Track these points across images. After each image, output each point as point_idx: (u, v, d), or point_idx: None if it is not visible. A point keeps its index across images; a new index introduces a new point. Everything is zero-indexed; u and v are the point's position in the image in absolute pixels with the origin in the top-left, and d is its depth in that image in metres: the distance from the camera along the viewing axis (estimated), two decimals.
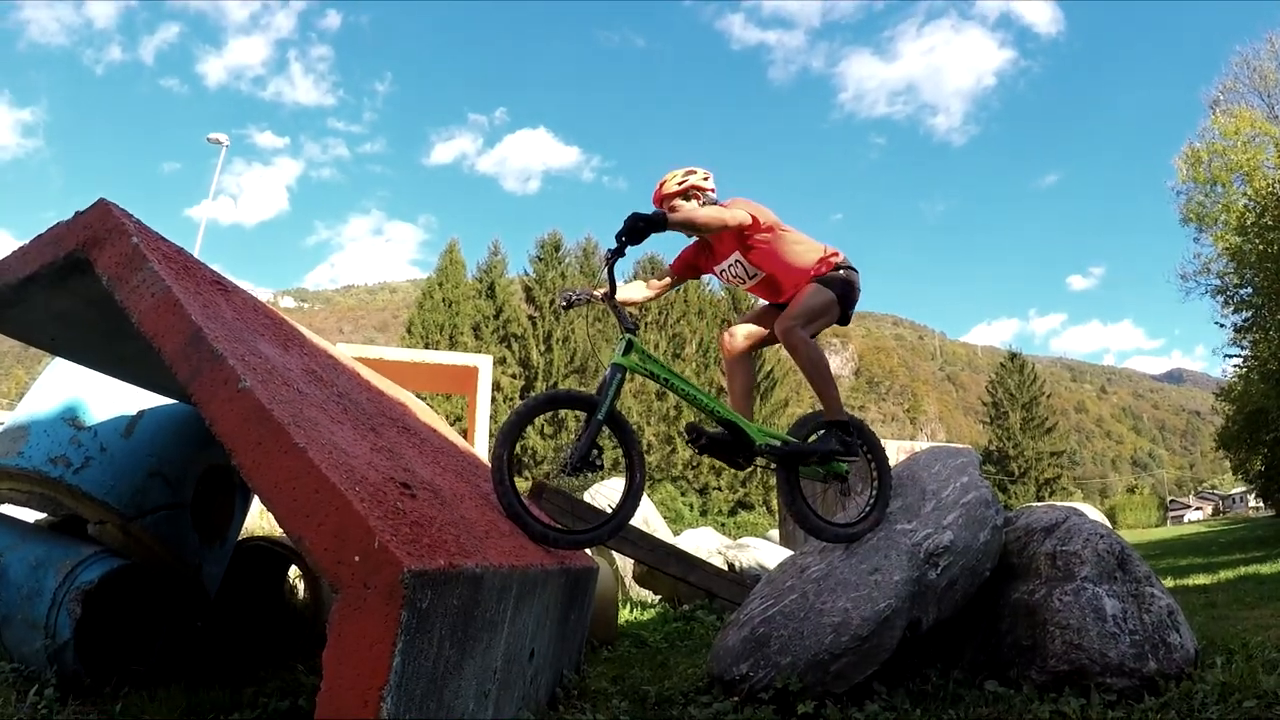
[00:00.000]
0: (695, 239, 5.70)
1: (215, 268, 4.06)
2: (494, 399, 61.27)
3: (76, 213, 3.29)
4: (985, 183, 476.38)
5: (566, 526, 5.06)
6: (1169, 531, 52.46)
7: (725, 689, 4.78)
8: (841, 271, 5.47)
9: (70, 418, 4.40)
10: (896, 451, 8.64)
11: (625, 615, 8.02)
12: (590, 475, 4.90)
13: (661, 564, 7.17)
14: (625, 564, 9.32)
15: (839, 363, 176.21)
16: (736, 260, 5.52)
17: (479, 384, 6.75)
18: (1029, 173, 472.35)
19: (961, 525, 5.02)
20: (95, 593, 4.12)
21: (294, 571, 6.80)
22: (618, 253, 4.86)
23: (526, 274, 67.73)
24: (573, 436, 5.19)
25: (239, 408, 2.62)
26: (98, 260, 3.10)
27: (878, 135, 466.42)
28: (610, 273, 5.02)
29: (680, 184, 5.48)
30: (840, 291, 5.40)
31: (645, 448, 65.09)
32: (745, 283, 5.63)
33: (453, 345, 60.74)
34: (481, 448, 6.93)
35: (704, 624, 7.59)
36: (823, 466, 5.37)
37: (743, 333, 5.61)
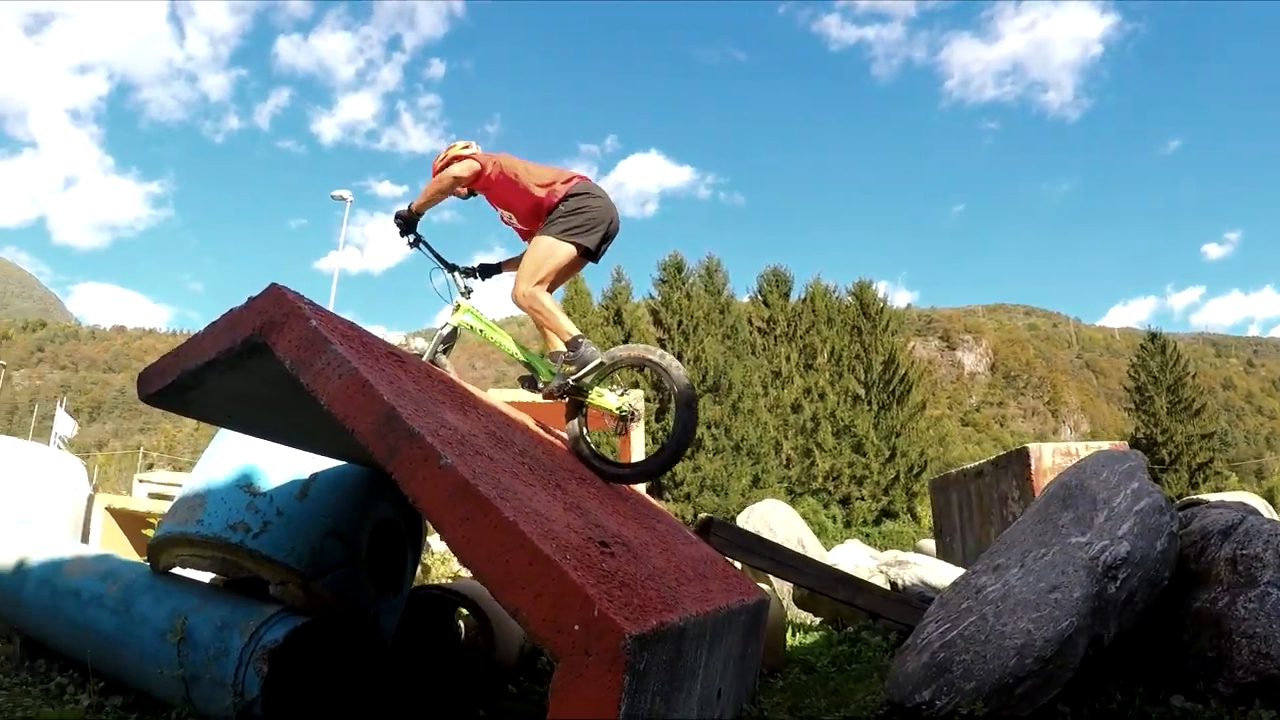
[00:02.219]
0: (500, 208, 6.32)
1: (348, 315, 4.30)
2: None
3: (250, 298, 3.38)
4: (1106, 157, 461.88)
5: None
6: None
7: (906, 716, 4.73)
8: (567, 202, 5.82)
9: (245, 484, 4.54)
10: (1052, 455, 8.37)
11: (790, 640, 8.00)
12: None
13: (829, 589, 7.15)
14: (783, 586, 9.27)
15: (973, 360, 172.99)
16: (496, 208, 6.29)
17: (631, 427, 6.86)
18: (1150, 141, 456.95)
19: (1137, 535, 4.87)
20: (280, 651, 4.26)
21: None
22: (414, 244, 6.15)
23: (651, 298, 67.79)
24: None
25: (443, 485, 2.67)
26: (277, 344, 3.18)
27: (989, 120, 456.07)
28: (427, 250, 6.20)
29: (442, 159, 6.29)
30: (564, 226, 5.76)
31: (785, 462, 64.70)
32: (511, 224, 6.32)
33: None
34: (640, 487, 7.03)
35: (871, 646, 7.54)
36: (582, 393, 5.63)
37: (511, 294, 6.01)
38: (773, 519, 10.24)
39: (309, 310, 3.30)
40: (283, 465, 4.69)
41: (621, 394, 5.76)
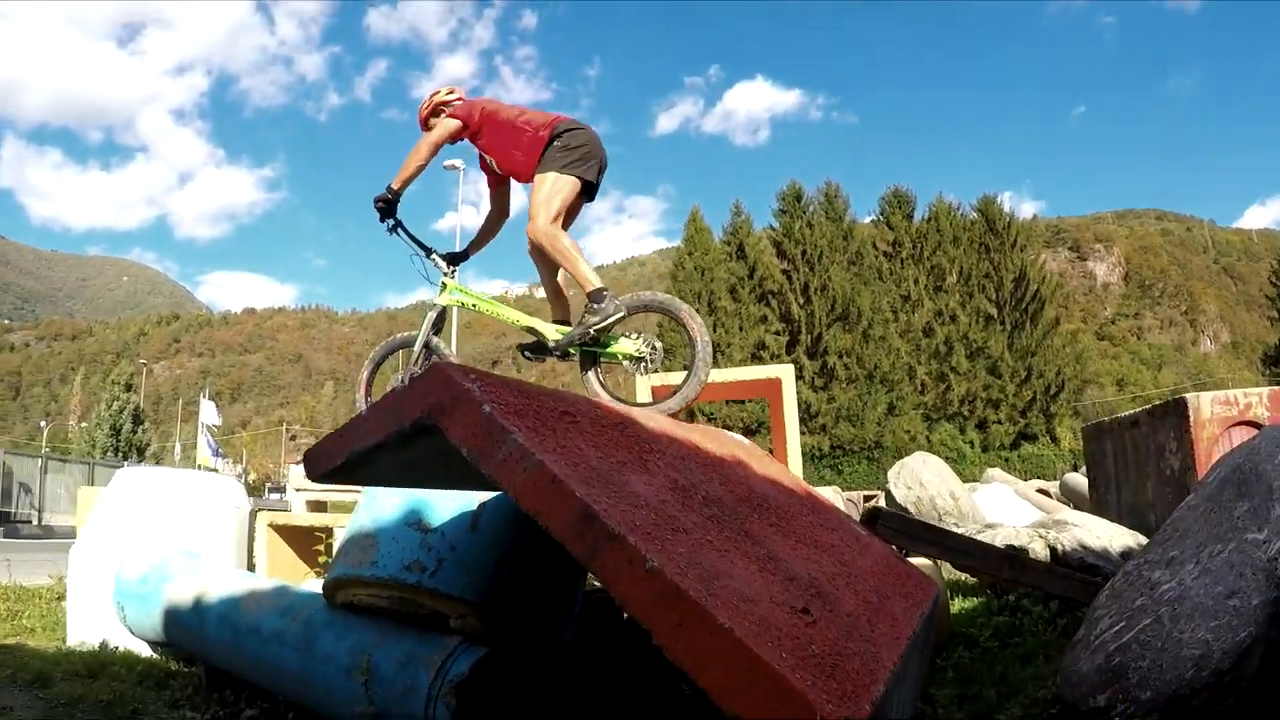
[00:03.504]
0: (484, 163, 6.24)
1: (471, 273, 4.36)
2: (762, 358, 60.92)
3: (413, 379, 3.32)
4: (1232, 45, 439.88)
5: None
6: None
7: (1080, 719, 4.71)
8: (561, 138, 5.74)
9: (415, 523, 4.59)
10: (1210, 404, 8.03)
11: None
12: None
13: (995, 570, 7.15)
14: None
15: (1105, 269, 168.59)
16: (484, 158, 6.17)
17: (784, 396, 6.81)
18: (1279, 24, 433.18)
19: None
20: (466, 683, 4.39)
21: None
22: (392, 229, 6.07)
23: (772, 228, 67.27)
24: None
25: (650, 589, 2.63)
26: (449, 429, 3.12)
27: (1105, 15, 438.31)
28: (405, 236, 6.17)
29: (427, 106, 6.17)
30: (566, 160, 5.70)
31: (919, 388, 64.03)
32: (491, 169, 6.22)
33: (711, 311, 61.11)
34: (795, 465, 7.01)
35: (1033, 616, 7.47)
36: (601, 344, 5.72)
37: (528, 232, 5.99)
38: (924, 474, 10.22)
39: (479, 393, 3.15)
40: (450, 498, 4.69)
41: (637, 337, 5.80)
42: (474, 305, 6.03)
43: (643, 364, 5.81)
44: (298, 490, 9.47)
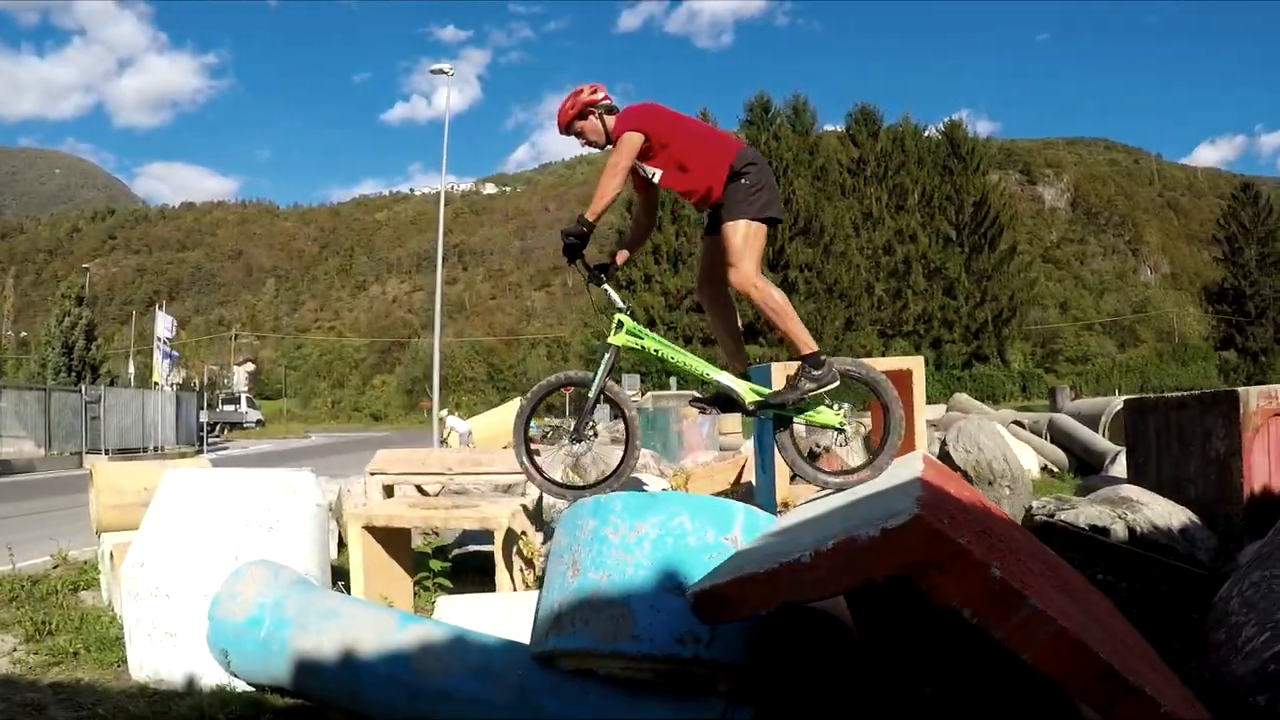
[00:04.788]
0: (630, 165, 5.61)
1: (418, 165, 3.75)
2: None
3: (884, 530, 2.90)
4: None
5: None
6: None
7: (1240, 715, 4.71)
8: (746, 176, 5.31)
9: (673, 586, 3.94)
10: (1256, 398, 8.32)
11: None
12: (589, 444, 5.51)
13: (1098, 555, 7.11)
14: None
15: (1054, 194, 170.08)
16: (643, 168, 5.60)
17: (914, 388, 6.68)
18: None
19: None
20: None
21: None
22: (572, 261, 5.45)
23: (739, 138, 67.04)
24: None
25: None
26: (941, 590, 2.89)
27: None
28: (582, 267, 5.51)
29: (573, 107, 5.66)
30: (756, 201, 5.30)
31: (876, 304, 64.62)
32: (654, 180, 5.69)
33: (674, 220, 61.03)
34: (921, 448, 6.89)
35: (1118, 592, 7.45)
36: (803, 410, 5.37)
37: (704, 278, 5.76)
38: (980, 438, 10.12)
39: (979, 553, 2.89)
40: (700, 554, 4.02)
41: (838, 409, 5.49)
42: (656, 351, 5.49)
43: (843, 435, 5.63)
44: (374, 474, 8.31)
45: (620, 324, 5.42)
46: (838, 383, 5.31)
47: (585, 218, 5.32)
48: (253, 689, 5.11)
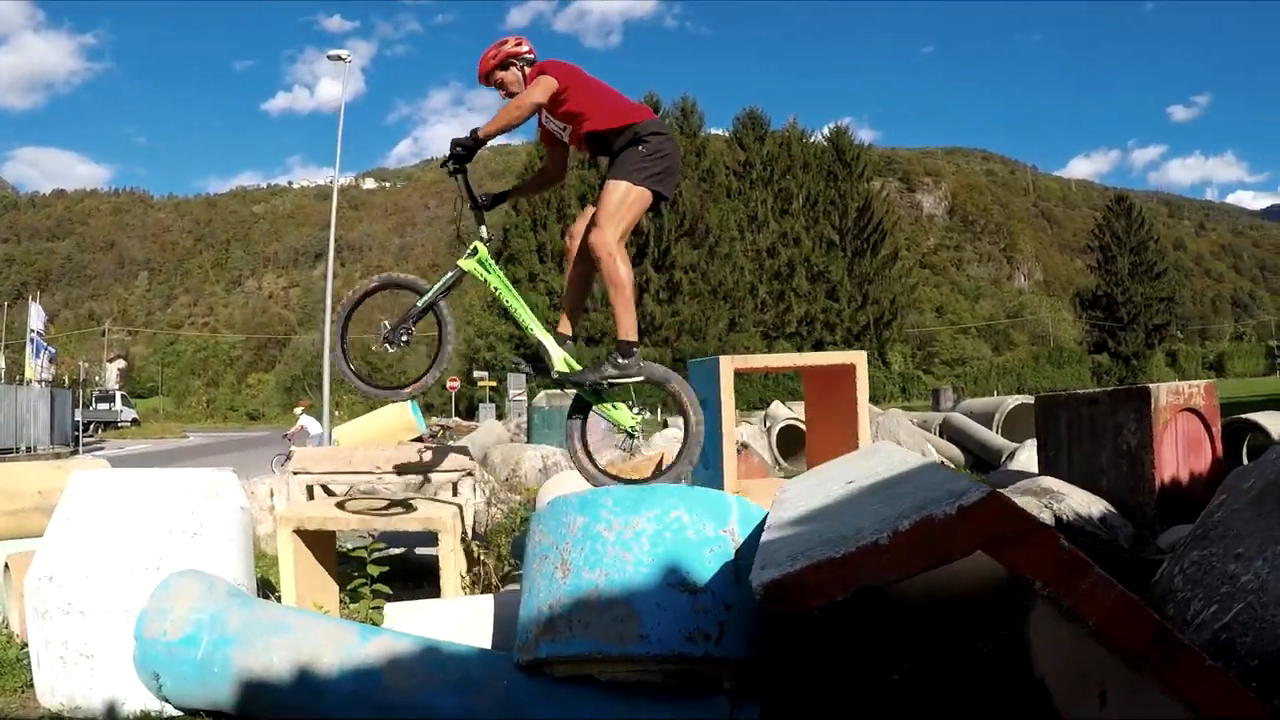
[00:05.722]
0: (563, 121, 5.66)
1: (297, 158, 3.68)
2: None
3: (961, 508, 2.92)
4: (1082, 12, 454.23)
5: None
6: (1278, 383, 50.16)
7: None
8: (647, 142, 5.31)
9: (677, 582, 3.81)
10: (1166, 394, 8.61)
11: None
12: (393, 349, 5.40)
13: None
14: None
15: (932, 202, 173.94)
16: (550, 121, 5.65)
17: (858, 382, 6.73)
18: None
19: None
20: None
21: None
22: (454, 172, 5.43)
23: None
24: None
25: (1218, 685, 2.82)
26: (1018, 563, 2.95)
27: None
28: (463, 185, 5.48)
29: (495, 57, 5.68)
30: (649, 171, 5.27)
31: (760, 306, 65.33)
32: (560, 136, 5.74)
33: (561, 218, 61.23)
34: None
35: None
36: (602, 396, 5.41)
37: (575, 230, 5.68)
38: (899, 433, 10.24)
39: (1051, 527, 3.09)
40: (700, 548, 3.88)
41: (636, 411, 5.49)
42: (495, 288, 5.43)
43: (633, 441, 5.54)
44: (297, 473, 7.45)
45: (475, 250, 5.44)
46: (640, 378, 5.29)
47: (477, 131, 5.34)
48: (185, 714, 4.63)
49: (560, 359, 5.35)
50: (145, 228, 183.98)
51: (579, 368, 5.32)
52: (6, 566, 6.52)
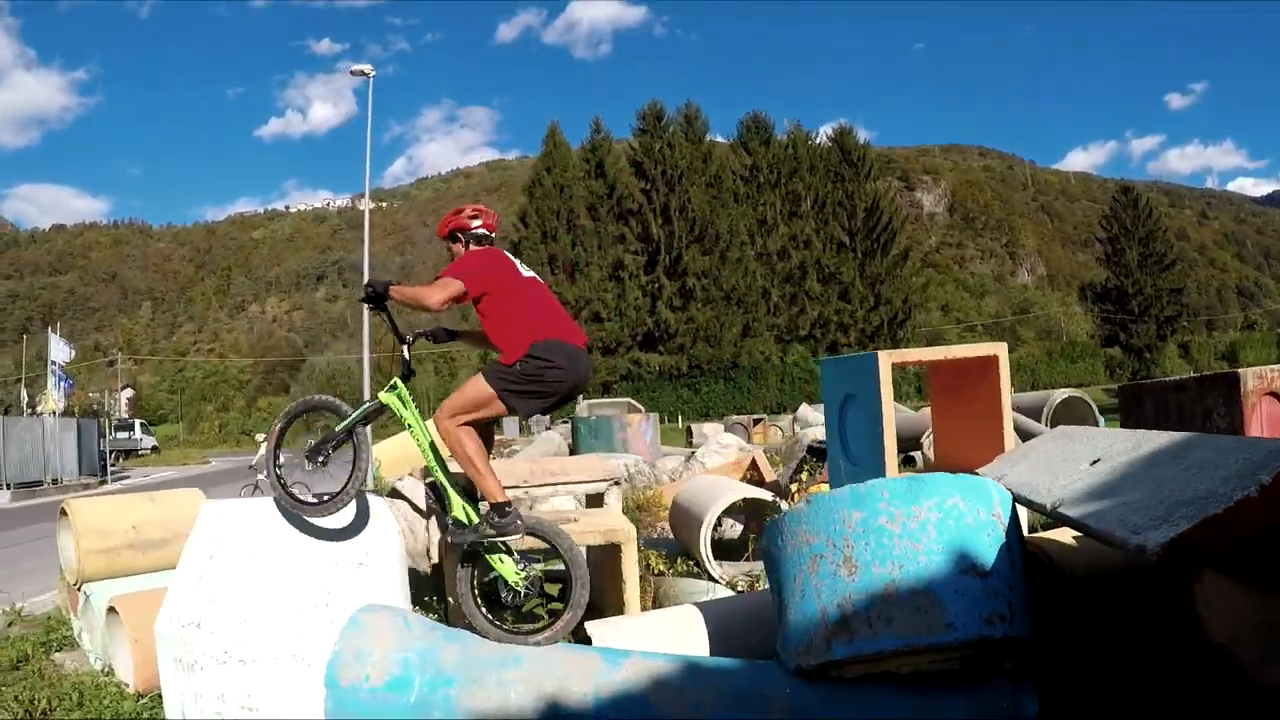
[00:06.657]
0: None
1: (292, 182, 3.62)
2: (621, 278, 62.24)
3: None
4: (1073, 2, 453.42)
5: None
6: None
7: None
8: (526, 363, 5.25)
9: (967, 568, 3.76)
10: (1253, 379, 8.79)
11: None
12: (310, 467, 5.29)
13: None
14: None
15: (931, 200, 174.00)
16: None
17: (1000, 374, 6.67)
18: None
19: None
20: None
21: None
22: (375, 311, 5.49)
23: (632, 147, 67.54)
24: None
25: None
26: None
27: None
28: (386, 320, 5.57)
29: (445, 225, 5.79)
30: (509, 385, 5.24)
31: (773, 310, 65.14)
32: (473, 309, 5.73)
33: (570, 230, 61.33)
34: (1008, 443, 6.76)
35: None
36: (486, 549, 5.30)
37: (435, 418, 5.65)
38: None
39: None
40: (977, 533, 3.85)
41: (522, 567, 5.32)
42: (409, 425, 5.45)
43: (515, 597, 5.35)
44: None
45: (394, 385, 5.47)
46: (520, 535, 5.19)
47: (393, 288, 5.37)
48: None
49: (459, 506, 5.29)
50: (146, 258, 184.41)
51: (475, 520, 5.21)
52: (114, 609, 6.23)
